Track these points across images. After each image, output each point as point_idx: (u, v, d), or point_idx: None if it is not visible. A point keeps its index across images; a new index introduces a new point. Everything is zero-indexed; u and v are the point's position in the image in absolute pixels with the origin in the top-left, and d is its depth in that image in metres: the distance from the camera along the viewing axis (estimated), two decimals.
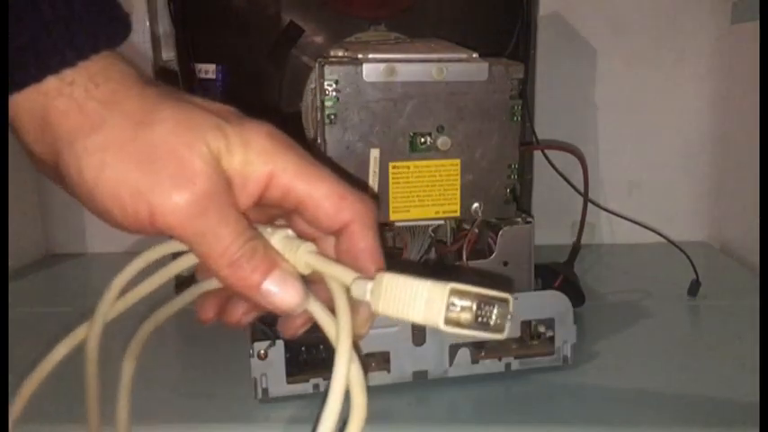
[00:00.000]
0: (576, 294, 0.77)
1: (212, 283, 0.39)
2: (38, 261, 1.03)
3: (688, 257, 0.82)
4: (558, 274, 0.75)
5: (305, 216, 0.34)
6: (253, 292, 0.33)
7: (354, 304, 0.34)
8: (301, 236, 0.36)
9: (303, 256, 0.34)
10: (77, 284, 0.96)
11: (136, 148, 0.31)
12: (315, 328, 0.58)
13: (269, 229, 0.35)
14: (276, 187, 0.33)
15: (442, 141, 0.56)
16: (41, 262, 1.03)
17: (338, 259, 0.35)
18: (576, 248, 0.81)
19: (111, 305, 0.39)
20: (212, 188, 0.31)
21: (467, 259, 0.60)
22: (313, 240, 0.36)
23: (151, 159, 0.31)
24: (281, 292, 0.33)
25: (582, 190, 0.79)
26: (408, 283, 0.32)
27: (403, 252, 0.61)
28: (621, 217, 0.90)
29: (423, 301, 0.31)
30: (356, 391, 0.34)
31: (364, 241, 0.35)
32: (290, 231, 0.36)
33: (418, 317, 0.31)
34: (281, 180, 0.33)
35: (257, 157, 0.32)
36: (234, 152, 0.32)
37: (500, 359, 0.63)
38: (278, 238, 0.35)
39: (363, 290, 0.33)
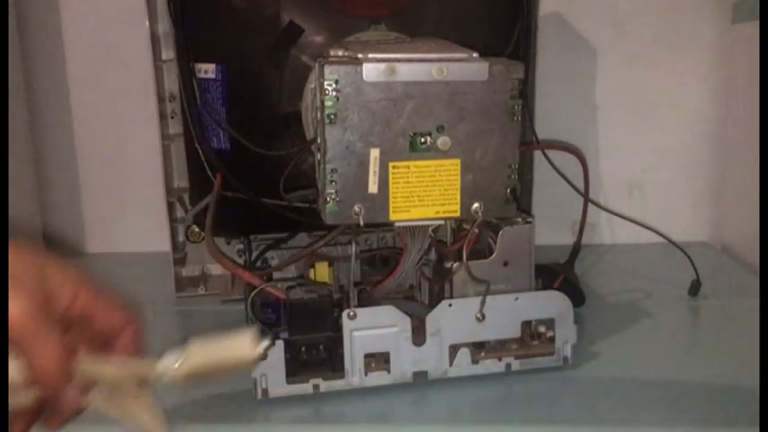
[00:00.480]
0: (576, 294, 0.77)
1: None
2: None
3: (688, 257, 0.82)
4: (558, 274, 0.75)
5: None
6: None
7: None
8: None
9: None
10: None
11: None
12: (315, 329, 0.58)
13: None
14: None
15: (443, 141, 0.55)
16: None
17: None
18: (576, 249, 0.81)
19: None
20: None
21: (467, 259, 0.60)
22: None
23: None
24: None
25: (582, 190, 0.79)
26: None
27: (402, 252, 0.60)
28: (622, 217, 0.90)
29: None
30: None
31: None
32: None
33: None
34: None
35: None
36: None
37: (500, 359, 0.63)
38: None
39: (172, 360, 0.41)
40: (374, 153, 0.55)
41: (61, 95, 1.03)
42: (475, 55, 0.56)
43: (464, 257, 0.60)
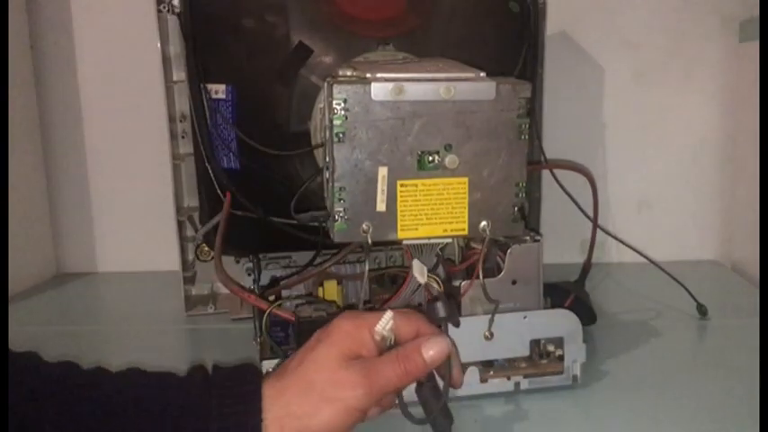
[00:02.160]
0: (587, 313, 0.77)
1: None
2: (48, 280, 1.03)
3: (685, 287, 0.81)
4: (568, 292, 0.75)
5: None
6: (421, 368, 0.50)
7: None
8: None
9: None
10: (87, 304, 0.96)
11: None
12: None
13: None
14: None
15: (450, 160, 0.56)
16: (52, 281, 1.04)
17: None
18: (586, 267, 0.81)
19: None
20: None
21: (483, 278, 0.60)
22: None
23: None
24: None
25: (591, 208, 0.79)
26: None
27: (409, 271, 0.60)
28: (629, 247, 0.90)
29: None
30: None
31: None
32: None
33: None
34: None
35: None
36: None
37: (509, 378, 0.63)
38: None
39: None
40: (382, 171, 0.55)
41: (73, 116, 1.04)
42: (482, 74, 0.57)
43: (480, 276, 0.60)
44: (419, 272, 0.58)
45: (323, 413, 0.46)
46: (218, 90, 0.74)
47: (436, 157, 0.56)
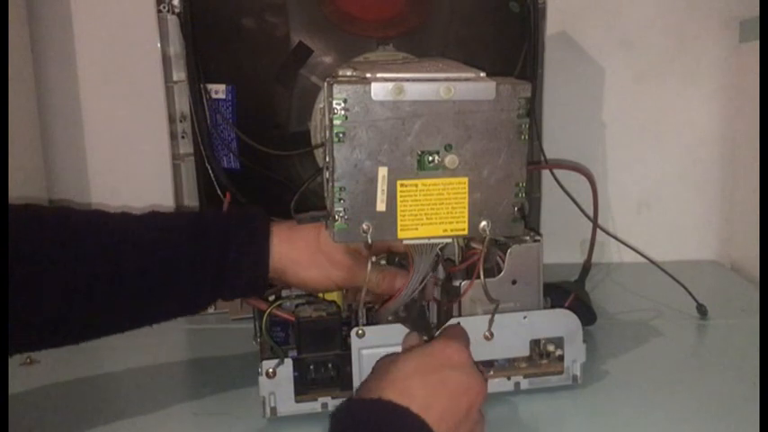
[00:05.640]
0: (587, 313, 0.77)
1: None
2: None
3: (684, 287, 0.81)
4: (568, 293, 0.75)
5: None
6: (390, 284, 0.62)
7: None
8: None
9: None
10: None
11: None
12: (324, 347, 0.58)
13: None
14: None
15: (450, 160, 0.56)
16: None
17: None
18: (586, 267, 0.81)
19: None
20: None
21: (477, 278, 0.60)
22: None
23: None
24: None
25: (591, 208, 0.79)
26: None
27: (409, 270, 0.61)
28: (629, 247, 0.90)
29: None
30: None
31: None
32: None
33: None
34: None
35: None
36: None
37: (509, 378, 0.63)
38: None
39: None
40: (382, 171, 0.55)
41: (73, 116, 1.04)
42: (482, 74, 0.57)
43: (481, 276, 0.60)
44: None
45: (311, 271, 0.60)
46: (218, 90, 0.74)
47: (436, 157, 0.56)
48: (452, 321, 0.60)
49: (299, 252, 0.60)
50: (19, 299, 0.51)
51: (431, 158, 0.56)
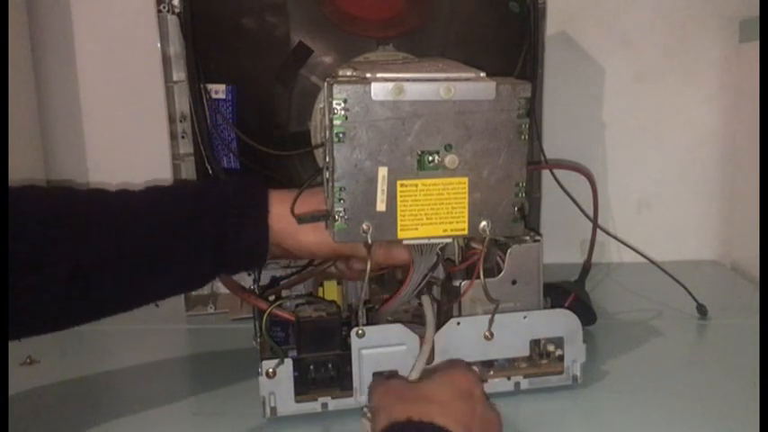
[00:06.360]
0: (587, 313, 0.77)
1: None
2: None
3: (684, 287, 0.81)
4: (568, 292, 0.75)
5: None
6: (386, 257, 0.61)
7: None
8: None
9: None
10: None
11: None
12: (324, 347, 0.58)
13: None
14: None
15: (450, 160, 0.56)
16: None
17: None
18: (586, 267, 0.81)
19: None
20: None
21: (484, 278, 0.60)
22: None
23: None
24: None
25: (591, 208, 0.79)
26: None
27: (409, 271, 0.61)
28: (629, 247, 0.90)
29: None
30: None
31: None
32: None
33: None
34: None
35: None
36: None
37: (509, 378, 0.63)
38: None
39: None
40: (382, 171, 0.55)
41: (73, 116, 1.04)
42: (482, 74, 0.57)
43: (481, 276, 0.60)
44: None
45: (310, 235, 0.59)
46: (218, 90, 0.74)
47: (436, 157, 0.56)
48: (452, 321, 0.60)
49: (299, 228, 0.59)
50: (23, 280, 0.51)
51: (431, 158, 0.56)
